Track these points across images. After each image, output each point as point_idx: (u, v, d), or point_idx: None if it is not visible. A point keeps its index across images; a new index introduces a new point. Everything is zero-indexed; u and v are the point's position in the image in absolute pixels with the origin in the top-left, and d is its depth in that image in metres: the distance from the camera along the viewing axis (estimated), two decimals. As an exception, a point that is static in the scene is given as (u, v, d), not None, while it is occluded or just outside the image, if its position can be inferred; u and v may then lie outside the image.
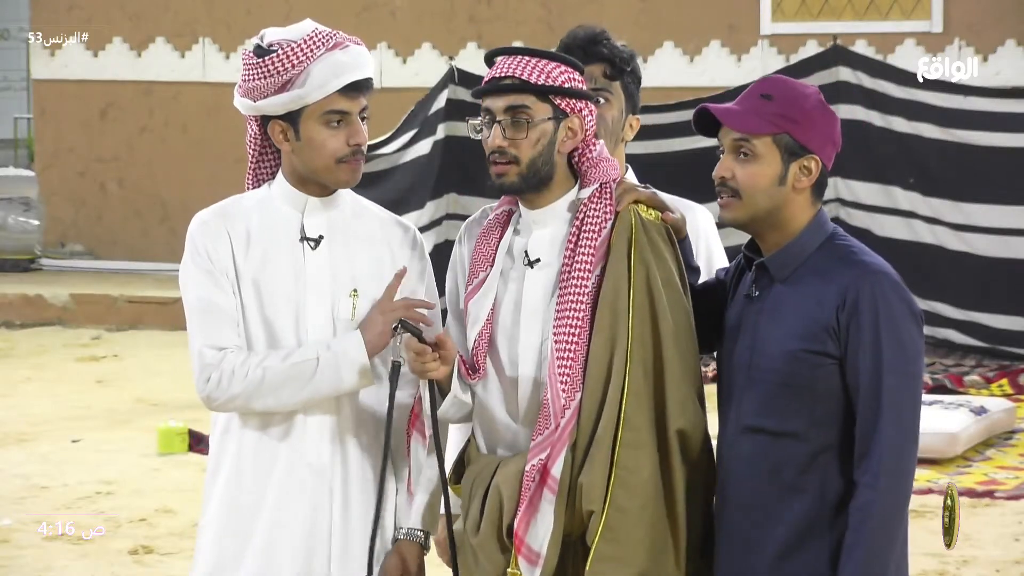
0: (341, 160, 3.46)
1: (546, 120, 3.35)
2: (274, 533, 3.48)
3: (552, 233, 3.41)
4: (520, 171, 3.35)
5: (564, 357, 3.29)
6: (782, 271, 3.30)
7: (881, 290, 3.22)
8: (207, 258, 3.47)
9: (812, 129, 3.28)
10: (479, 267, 3.43)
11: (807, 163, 3.28)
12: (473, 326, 3.40)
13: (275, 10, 13.88)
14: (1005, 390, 9.85)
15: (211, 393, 3.43)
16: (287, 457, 3.48)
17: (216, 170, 13.91)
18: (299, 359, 3.42)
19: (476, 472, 3.42)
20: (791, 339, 3.23)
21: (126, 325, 12.88)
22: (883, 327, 3.19)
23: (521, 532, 3.30)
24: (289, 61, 3.41)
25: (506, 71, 3.36)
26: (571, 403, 3.28)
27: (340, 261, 3.52)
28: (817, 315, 3.22)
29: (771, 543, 3.25)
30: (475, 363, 3.41)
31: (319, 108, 3.43)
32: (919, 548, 3.84)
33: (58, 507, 7.38)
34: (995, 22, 12.77)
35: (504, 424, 3.41)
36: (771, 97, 3.29)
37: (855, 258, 3.28)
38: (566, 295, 3.33)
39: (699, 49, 13.45)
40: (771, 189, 3.28)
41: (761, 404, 3.26)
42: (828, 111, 3.33)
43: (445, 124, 10.96)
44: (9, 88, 21.31)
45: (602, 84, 3.79)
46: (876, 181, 10.91)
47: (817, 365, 3.22)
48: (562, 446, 3.28)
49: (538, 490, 3.29)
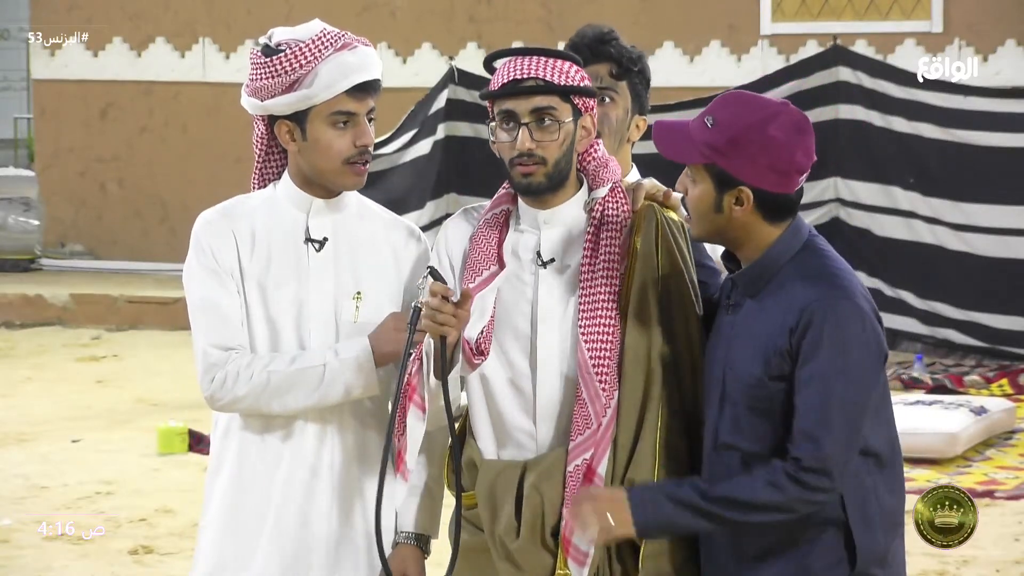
0: (348, 161, 3.45)
1: (570, 121, 3.36)
2: (276, 534, 3.47)
3: (564, 233, 3.40)
4: (547, 171, 3.35)
5: (599, 356, 3.30)
6: (751, 287, 3.25)
7: (834, 314, 3.13)
8: (212, 257, 3.47)
9: (741, 159, 3.16)
10: (481, 265, 3.40)
11: (738, 194, 3.19)
12: (478, 320, 3.36)
13: (275, 10, 13.87)
14: (1005, 390, 9.85)
15: (214, 393, 3.43)
16: (289, 458, 3.47)
17: (216, 170, 13.91)
18: (305, 364, 3.41)
19: (494, 478, 3.39)
20: (754, 365, 3.19)
21: (126, 325, 12.88)
22: (827, 350, 3.12)
23: (569, 533, 3.30)
24: (297, 61, 3.40)
25: (526, 72, 3.33)
26: (611, 401, 3.30)
27: (344, 263, 3.51)
28: (776, 339, 3.17)
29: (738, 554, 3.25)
30: (480, 349, 3.37)
31: (326, 109, 3.42)
32: (919, 548, 3.82)
33: (58, 507, 7.38)
34: (995, 22, 12.77)
35: (516, 425, 3.39)
36: (714, 123, 3.19)
37: (821, 279, 3.18)
38: (593, 295, 3.33)
39: (699, 49, 13.45)
40: (709, 215, 3.22)
41: (732, 423, 3.24)
42: (772, 138, 3.16)
43: (445, 124, 10.97)
44: (9, 88, 21.30)
45: (608, 83, 3.78)
46: (876, 181, 10.91)
47: (775, 390, 3.18)
48: (606, 445, 3.29)
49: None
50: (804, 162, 3.20)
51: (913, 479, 7.60)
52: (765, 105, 3.21)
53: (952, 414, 8.32)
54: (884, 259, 10.81)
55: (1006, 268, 10.53)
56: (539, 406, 3.38)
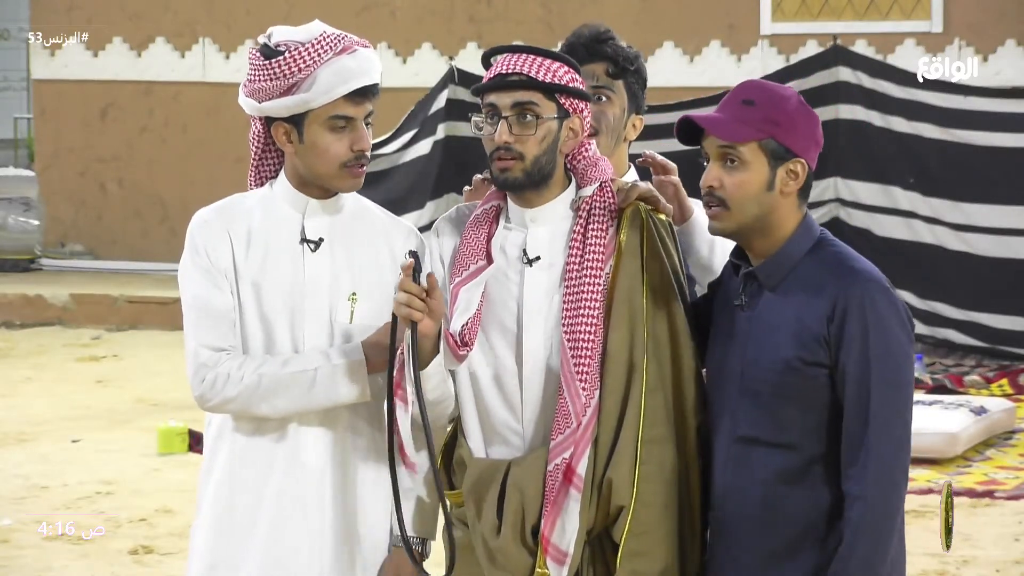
0: (345, 165, 3.44)
1: (552, 118, 3.36)
2: (271, 535, 3.46)
3: (551, 231, 3.41)
4: (524, 167, 3.35)
5: (580, 355, 3.30)
6: (771, 279, 3.28)
7: (871, 299, 3.19)
8: (206, 257, 3.45)
9: (795, 131, 3.26)
10: (469, 259, 3.40)
11: (793, 167, 3.26)
12: (463, 313, 3.37)
13: (275, 10, 13.87)
14: (1005, 390, 9.85)
15: (204, 393, 3.42)
16: (282, 458, 3.46)
17: (216, 170, 13.91)
18: (297, 368, 3.40)
19: (478, 476, 3.40)
20: (783, 349, 3.22)
21: (126, 325, 12.88)
22: (872, 336, 3.17)
23: (547, 532, 3.30)
24: (296, 64, 3.38)
25: (512, 68, 3.36)
26: (591, 401, 3.29)
27: (340, 264, 3.50)
28: (808, 325, 3.20)
29: (763, 549, 3.26)
30: (464, 340, 3.36)
31: (324, 113, 3.41)
32: (919, 548, 3.84)
33: (58, 507, 7.38)
34: (995, 22, 12.77)
35: (503, 423, 3.40)
36: (753, 102, 3.26)
37: (845, 265, 3.25)
38: (577, 293, 3.33)
39: (699, 49, 13.45)
40: (760, 195, 3.25)
41: (755, 414, 3.25)
42: (809, 112, 3.30)
43: (445, 124, 10.97)
44: (9, 88, 21.29)
45: (604, 82, 3.80)
46: (876, 181, 10.91)
47: (809, 376, 3.21)
48: (586, 444, 3.29)
49: (563, 489, 3.29)
50: (821, 140, 3.34)
51: (913, 479, 7.58)
52: (786, 87, 3.35)
53: (952, 414, 8.32)
54: (884, 259, 10.68)
55: (1006, 268, 10.53)
56: (525, 404, 3.38)
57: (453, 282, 3.42)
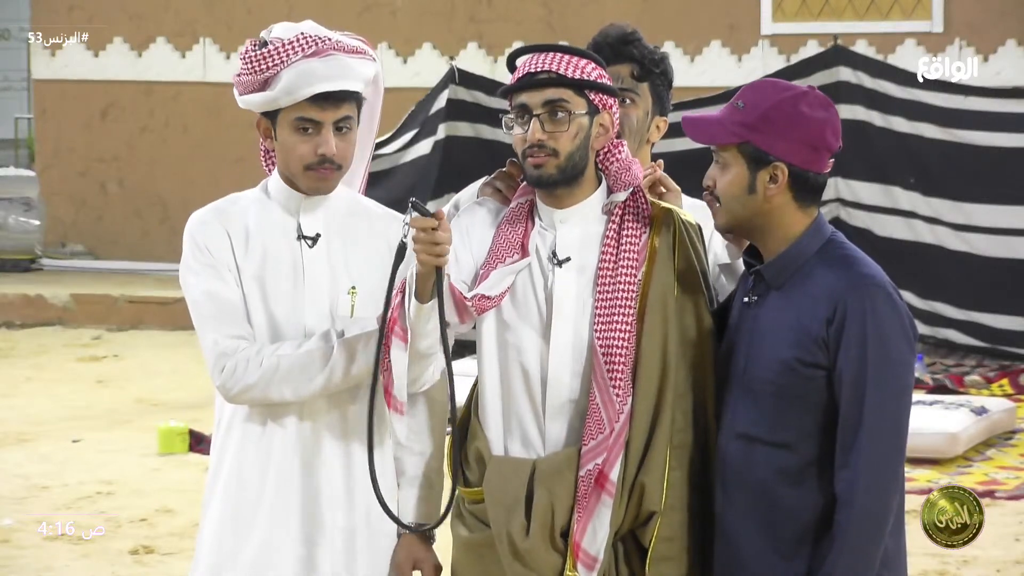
0: (308, 167, 3.45)
1: (583, 114, 3.37)
2: (273, 530, 3.47)
3: (581, 233, 3.41)
4: (558, 163, 3.35)
5: (614, 361, 3.30)
6: (778, 278, 3.28)
7: (872, 303, 3.19)
8: (209, 254, 3.47)
9: (774, 135, 3.22)
10: (505, 252, 3.41)
11: (773, 171, 3.24)
12: (488, 288, 3.36)
13: (276, 10, 13.86)
14: (1006, 390, 9.84)
15: (225, 382, 3.42)
16: (286, 453, 3.47)
17: (216, 170, 13.91)
18: (313, 346, 3.41)
19: (501, 475, 3.39)
20: (783, 349, 3.22)
21: (126, 325, 12.88)
22: (871, 341, 3.16)
23: (579, 538, 3.31)
24: (267, 61, 3.41)
25: (541, 66, 3.36)
26: (624, 407, 3.30)
27: (338, 258, 3.52)
28: (808, 326, 3.20)
29: (762, 549, 3.26)
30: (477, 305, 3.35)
31: (290, 113, 3.43)
32: (919, 548, 3.83)
33: (58, 507, 7.38)
34: (995, 22, 12.77)
35: (526, 421, 3.40)
36: (742, 105, 3.26)
37: (850, 268, 3.24)
38: (611, 298, 3.34)
39: (699, 49, 13.44)
40: (743, 198, 3.26)
41: (754, 412, 3.26)
42: (801, 114, 3.23)
43: (446, 124, 10.96)
44: (9, 88, 21.30)
45: (629, 84, 3.79)
46: (876, 181, 10.90)
47: (807, 377, 3.21)
48: (619, 450, 3.29)
49: (595, 494, 3.30)
50: (833, 142, 3.27)
51: (914, 479, 7.61)
52: (792, 86, 3.30)
53: (953, 414, 8.32)
54: (884, 259, 10.62)
55: (1007, 268, 10.52)
56: (549, 404, 3.38)
57: (485, 263, 3.41)
